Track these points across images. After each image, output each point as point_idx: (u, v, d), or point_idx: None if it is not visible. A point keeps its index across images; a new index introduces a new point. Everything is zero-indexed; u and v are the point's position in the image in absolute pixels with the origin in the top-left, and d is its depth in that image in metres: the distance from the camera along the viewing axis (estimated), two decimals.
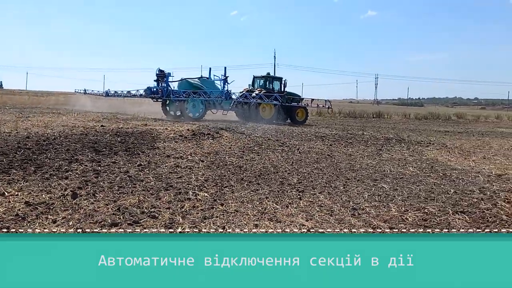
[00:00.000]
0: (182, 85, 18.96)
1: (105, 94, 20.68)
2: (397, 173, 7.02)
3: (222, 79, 19.10)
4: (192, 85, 18.80)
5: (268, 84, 21.49)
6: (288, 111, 21.28)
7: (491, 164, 8.42)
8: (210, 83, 19.17)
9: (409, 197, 5.21)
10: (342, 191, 5.37)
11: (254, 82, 21.90)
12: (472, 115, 36.85)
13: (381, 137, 14.22)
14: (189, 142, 9.62)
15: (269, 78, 21.77)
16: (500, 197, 5.37)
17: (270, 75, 22.16)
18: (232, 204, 4.43)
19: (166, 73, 18.37)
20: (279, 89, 21.41)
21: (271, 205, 4.49)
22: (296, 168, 6.96)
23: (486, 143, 13.53)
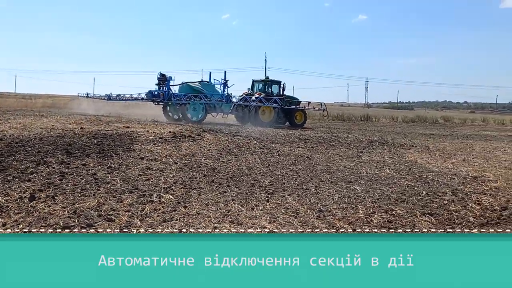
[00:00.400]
0: (183, 89, 19.25)
1: (107, 98, 20.78)
2: (373, 175, 6.97)
3: (222, 83, 19.35)
4: (193, 88, 19.11)
5: (267, 87, 21.70)
6: (287, 114, 21.44)
7: (469, 166, 8.41)
8: (210, 87, 19.46)
9: (379, 199, 5.15)
10: (313, 193, 5.30)
11: (253, 86, 22.14)
12: (459, 119, 37.14)
13: (364, 139, 14.23)
14: (168, 144, 9.50)
15: (268, 82, 21.95)
16: (471, 199, 5.34)
17: (269, 79, 22.28)
18: (196, 207, 4.33)
19: (168, 77, 18.72)
20: (278, 93, 21.65)
21: (236, 207, 4.40)
22: (271, 170, 6.89)
23: (469, 145, 13.58)
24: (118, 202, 4.33)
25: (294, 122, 21.48)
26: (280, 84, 21.95)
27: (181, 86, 19.43)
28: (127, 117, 20.26)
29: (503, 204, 5.07)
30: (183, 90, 19.22)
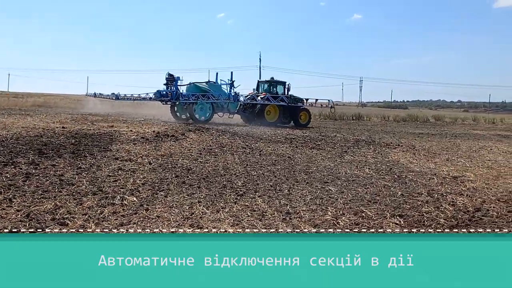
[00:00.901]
0: (190, 89, 19.35)
1: (115, 97, 20.59)
2: (351, 175, 6.87)
3: (229, 83, 19.65)
4: (200, 88, 19.23)
5: (272, 88, 21.79)
6: (292, 114, 21.52)
7: (451, 166, 8.34)
8: (217, 87, 19.57)
9: (352, 200, 5.04)
10: (285, 195, 5.18)
11: (258, 87, 22.25)
12: (450, 118, 37.14)
13: (352, 139, 14.14)
14: (148, 144, 9.36)
15: (273, 82, 22.02)
16: (446, 200, 5.25)
17: (274, 80, 22.28)
18: (158, 209, 4.20)
19: (176, 77, 18.77)
20: (283, 93, 21.73)
21: (200, 209, 4.28)
22: (247, 170, 6.76)
23: (456, 145, 13.53)
24: (77, 205, 4.19)
25: (298, 121, 21.53)
26: (285, 84, 22.00)
27: (188, 86, 19.50)
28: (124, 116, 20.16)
29: (477, 205, 4.98)
30: (190, 90, 19.30)
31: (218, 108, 19.25)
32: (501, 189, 6.09)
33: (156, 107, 22.15)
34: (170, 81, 18.80)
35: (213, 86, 19.61)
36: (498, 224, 4.22)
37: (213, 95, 18.86)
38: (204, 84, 19.70)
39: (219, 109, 19.41)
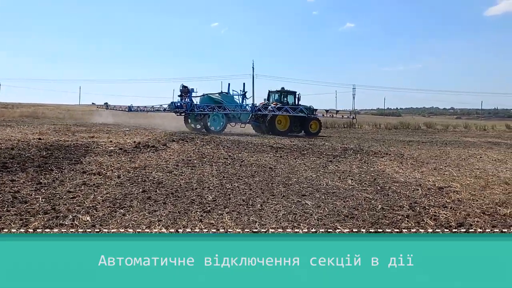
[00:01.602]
0: (204, 100, 19.85)
1: (128, 109, 20.82)
2: (332, 187, 6.54)
3: (241, 94, 20.31)
4: (214, 100, 19.71)
5: (283, 98, 22.06)
6: (302, 123, 21.64)
7: (438, 176, 8.05)
8: (229, 98, 20.16)
9: (327, 216, 4.71)
10: (256, 210, 4.84)
11: (269, 97, 22.56)
12: (441, 125, 37.00)
13: (339, 147, 13.86)
14: (124, 155, 8.99)
15: (283, 92, 22.31)
16: (428, 214, 4.93)
17: (285, 90, 22.58)
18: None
19: (190, 89, 19.32)
20: (293, 102, 21.94)
21: (159, 229, 3.92)
22: (222, 183, 6.41)
23: (445, 153, 13.28)
24: (22, 226, 3.81)
25: (309, 130, 21.72)
26: (295, 94, 22.38)
27: (202, 98, 19.97)
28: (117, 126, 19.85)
29: (461, 219, 4.67)
30: (204, 101, 19.72)
31: (230, 118, 19.74)
32: (487, 200, 5.79)
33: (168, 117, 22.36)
34: (184, 93, 19.32)
35: (226, 97, 20.13)
36: None
37: (228, 106, 19.33)
38: (217, 95, 20.13)
39: (231, 119, 19.87)
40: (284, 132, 20.35)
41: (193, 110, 19.06)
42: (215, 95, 20.15)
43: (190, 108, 19.05)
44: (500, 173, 8.56)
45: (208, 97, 19.97)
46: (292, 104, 21.73)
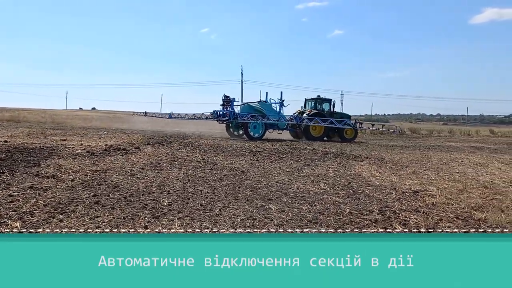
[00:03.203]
0: (245, 109, 20.94)
1: (168, 116, 22.35)
2: (303, 190, 6.19)
3: (279, 102, 21.18)
4: (254, 108, 20.70)
5: (318, 105, 22.51)
6: (337, 129, 21.75)
7: (415, 180, 7.75)
8: (268, 106, 20.95)
9: (289, 221, 4.35)
10: (213, 215, 4.46)
11: (305, 104, 23.21)
12: (426, 130, 37.03)
13: (321, 151, 13.54)
14: (89, 158, 8.55)
15: (318, 100, 22.76)
16: (398, 218, 4.60)
17: (320, 97, 22.98)
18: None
19: (231, 99, 20.46)
20: (328, 110, 22.39)
21: None
22: (185, 187, 6.02)
23: (427, 157, 13.03)
24: None
25: (344, 136, 21.84)
26: (330, 101, 22.73)
27: (242, 107, 21.18)
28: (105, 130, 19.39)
29: (432, 224, 4.35)
30: (245, 110, 20.78)
31: (268, 125, 20.55)
32: (463, 204, 5.49)
33: (215, 125, 23.30)
34: (227, 102, 20.49)
35: (264, 105, 20.95)
36: None
37: (267, 114, 20.33)
38: (257, 104, 21.11)
39: (270, 126, 20.68)
40: (319, 138, 20.88)
41: (236, 118, 20.06)
42: (254, 104, 21.13)
43: (233, 117, 20.04)
44: (479, 177, 8.30)
45: (249, 105, 21.04)
46: (327, 111, 22.26)
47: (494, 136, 37.06)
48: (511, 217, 4.77)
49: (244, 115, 20.11)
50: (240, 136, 20.48)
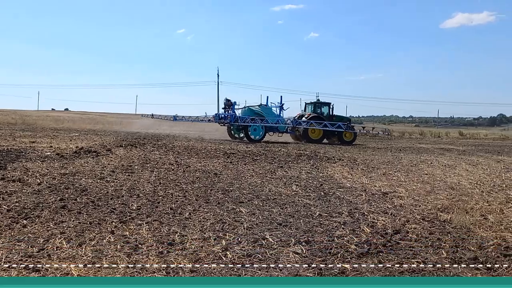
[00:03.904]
0: (246, 112, 21.52)
1: (173, 118, 23.57)
2: (275, 193, 6.21)
3: (279, 106, 21.85)
4: (254, 111, 21.31)
5: (317, 108, 23.16)
6: (337, 132, 22.14)
7: (386, 181, 7.89)
8: (268, 110, 21.64)
9: (259, 224, 4.36)
10: (182, 219, 4.42)
11: (306, 108, 23.90)
12: (398, 132, 37.82)
13: (295, 153, 13.64)
14: (58, 161, 8.34)
15: (317, 104, 23.48)
16: (366, 220, 4.67)
17: (320, 101, 23.76)
18: (3, 244, 3.31)
19: (233, 102, 21.32)
20: (327, 113, 22.96)
21: (58, 243, 3.42)
22: (156, 190, 5.95)
23: (398, 158, 13.31)
24: None
25: (343, 139, 22.16)
26: (329, 105, 23.30)
27: (243, 110, 21.75)
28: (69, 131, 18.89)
29: (398, 226, 4.43)
30: (245, 113, 21.36)
31: (269, 128, 21.13)
32: (430, 206, 5.62)
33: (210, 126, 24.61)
34: (228, 106, 21.35)
35: (265, 109, 21.61)
36: (415, 249, 3.64)
37: (266, 117, 20.84)
38: (257, 108, 21.72)
39: (270, 129, 21.23)
40: (318, 140, 21.50)
41: (236, 121, 20.76)
42: (255, 107, 21.75)
43: (233, 119, 20.77)
44: (447, 178, 8.53)
45: (249, 109, 21.64)
46: (326, 115, 22.82)
47: (463, 138, 38.19)
48: (475, 218, 4.91)
49: (244, 118, 20.65)
50: (241, 138, 21.21)
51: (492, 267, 3.24)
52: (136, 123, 31.91)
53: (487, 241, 3.92)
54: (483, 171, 10.07)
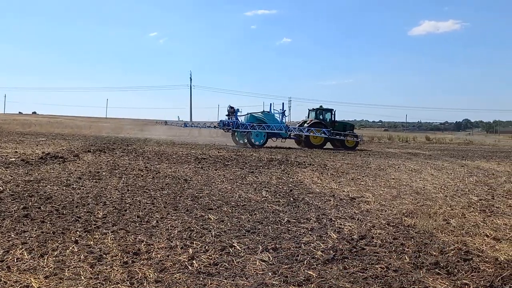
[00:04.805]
0: (248, 119, 22.14)
1: (184, 125, 24.75)
2: (244, 199, 6.22)
3: (281, 113, 22.46)
4: (256, 118, 21.98)
5: (320, 115, 23.63)
6: (338, 138, 22.42)
7: (354, 186, 8.04)
8: (271, 116, 22.16)
9: (228, 231, 4.35)
10: (149, 227, 4.36)
11: (309, 114, 24.34)
12: (368, 136, 38.58)
13: (266, 158, 13.69)
14: (23, 168, 8.09)
15: (320, 110, 23.96)
16: (333, 226, 4.75)
17: (322, 108, 24.26)
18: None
19: (236, 109, 21.98)
20: (330, 119, 23.38)
21: (18, 254, 3.31)
22: (123, 197, 5.86)
23: (366, 163, 13.57)
24: None
25: (345, 145, 22.49)
26: (332, 111, 23.65)
27: (246, 116, 22.43)
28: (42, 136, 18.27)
29: (364, 232, 4.52)
30: (248, 120, 21.98)
31: (271, 134, 21.52)
32: (395, 210, 5.76)
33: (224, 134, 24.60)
34: (231, 113, 21.99)
35: (267, 115, 22.16)
36: (380, 255, 3.73)
37: (267, 123, 21.33)
38: (260, 114, 22.33)
39: (272, 134, 21.65)
40: (319, 145, 21.98)
41: (238, 127, 21.46)
42: (258, 114, 22.37)
43: (235, 126, 21.51)
44: (413, 183, 8.76)
45: (252, 116, 22.28)
46: (329, 121, 23.17)
47: (429, 143, 39.31)
48: (438, 222, 5.07)
49: (246, 125, 21.33)
50: (245, 144, 21.78)
51: (452, 272, 3.35)
52: (105, 127, 31.67)
53: (448, 246, 4.05)
54: (447, 176, 10.41)
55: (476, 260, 3.62)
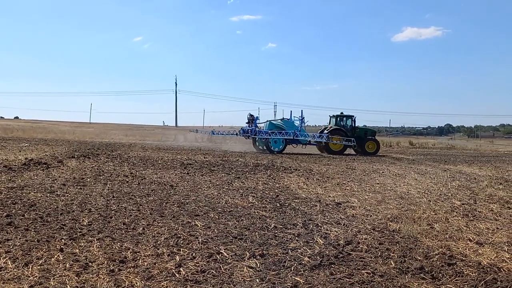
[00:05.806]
0: (268, 126, 22.80)
1: (211, 133, 25.78)
2: (231, 205, 6.22)
3: (300, 119, 22.78)
4: (275, 125, 22.66)
5: (340, 121, 24.09)
6: (359, 143, 22.80)
7: (339, 191, 8.11)
8: (290, 123, 22.65)
9: (215, 238, 4.35)
10: (136, 235, 4.34)
11: (330, 121, 24.78)
12: None
13: (252, 163, 13.71)
14: (6, 174, 7.96)
15: (340, 117, 24.44)
16: (320, 232, 4.79)
17: (343, 114, 24.68)
18: None
19: (255, 117, 22.69)
20: (351, 125, 23.81)
21: (2, 263, 3.27)
22: (109, 204, 5.80)
23: (351, 168, 13.68)
24: None
25: (365, 150, 22.70)
26: (352, 118, 24.07)
27: (266, 124, 23.16)
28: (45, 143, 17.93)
29: (350, 237, 4.57)
30: (268, 127, 22.64)
31: (290, 140, 22.03)
32: (380, 215, 5.83)
33: None
34: (251, 120, 22.66)
35: (287, 122, 22.76)
36: (366, 260, 3.77)
37: (286, 130, 21.79)
38: (279, 121, 23.15)
39: (291, 141, 22.14)
40: (339, 151, 22.39)
41: (256, 134, 22.17)
42: (277, 121, 23.22)
43: (254, 133, 22.28)
44: (397, 188, 8.88)
45: (271, 123, 23.02)
46: (349, 127, 23.65)
47: (412, 147, 39.86)
48: (422, 227, 5.15)
49: (264, 132, 22.06)
50: (263, 150, 22.37)
51: (436, 276, 3.41)
52: (89, 132, 31.42)
53: (432, 251, 4.11)
54: (430, 180, 10.57)
55: (460, 265, 3.69)
